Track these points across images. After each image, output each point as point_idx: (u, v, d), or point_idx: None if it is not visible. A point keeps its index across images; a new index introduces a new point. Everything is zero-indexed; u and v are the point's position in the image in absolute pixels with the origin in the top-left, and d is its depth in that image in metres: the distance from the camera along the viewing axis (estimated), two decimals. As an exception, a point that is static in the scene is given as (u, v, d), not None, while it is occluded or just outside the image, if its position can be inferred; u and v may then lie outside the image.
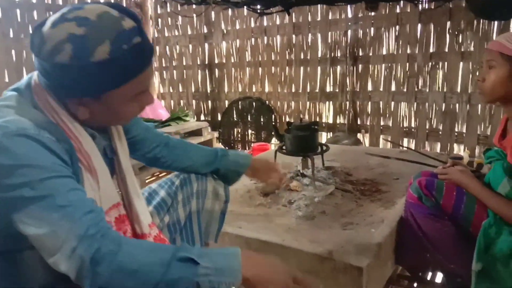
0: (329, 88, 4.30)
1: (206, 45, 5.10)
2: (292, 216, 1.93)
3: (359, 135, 4.17)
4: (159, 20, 5.41)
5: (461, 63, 3.56)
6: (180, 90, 5.48)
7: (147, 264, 0.81)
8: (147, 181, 3.60)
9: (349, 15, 4.01)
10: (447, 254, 1.64)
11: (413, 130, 3.92)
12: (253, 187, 2.36)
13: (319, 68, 4.30)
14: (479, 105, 3.55)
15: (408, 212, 1.72)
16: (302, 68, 4.42)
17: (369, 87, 4.08)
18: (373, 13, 3.86)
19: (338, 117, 4.29)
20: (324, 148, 2.40)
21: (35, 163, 0.82)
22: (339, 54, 4.15)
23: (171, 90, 5.57)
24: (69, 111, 0.94)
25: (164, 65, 5.53)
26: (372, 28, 3.93)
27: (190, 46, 5.22)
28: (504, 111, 1.55)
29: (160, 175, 3.86)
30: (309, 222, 1.86)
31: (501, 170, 1.47)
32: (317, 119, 4.36)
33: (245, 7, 3.21)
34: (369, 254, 1.51)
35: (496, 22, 3.35)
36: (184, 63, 5.34)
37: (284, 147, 2.41)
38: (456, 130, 3.71)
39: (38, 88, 0.93)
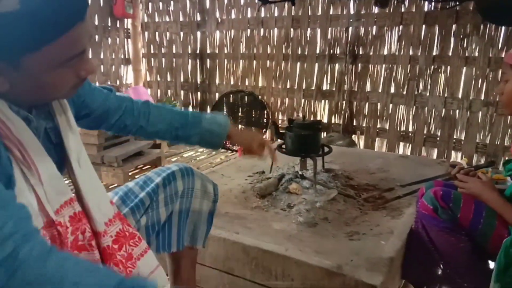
0: (325, 86, 4.16)
1: (199, 34, 4.89)
2: (292, 221, 1.79)
3: (354, 137, 4.04)
4: (150, 4, 5.16)
5: (464, 68, 3.47)
6: (168, 79, 5.24)
7: (79, 283, 0.65)
8: (130, 173, 3.39)
9: (351, 11, 3.86)
10: (460, 271, 1.56)
11: (410, 134, 3.81)
12: (249, 187, 2.20)
13: (316, 64, 4.15)
14: (480, 113, 3.47)
15: (419, 223, 1.62)
16: (298, 63, 4.26)
17: (368, 88, 3.95)
18: (376, 11, 3.73)
19: (333, 116, 4.15)
20: (327, 149, 2.25)
21: None
22: (338, 52, 4.01)
23: (158, 79, 5.33)
24: None
25: (152, 51, 5.28)
26: (374, 27, 3.80)
27: (181, 33, 4.99)
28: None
29: (144, 168, 3.66)
30: (311, 229, 1.73)
31: (525, 184, 1.36)
32: (312, 118, 4.21)
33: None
34: (382, 269, 1.39)
35: (503, 28, 3.25)
36: (174, 51, 5.11)
37: (283, 146, 2.25)
38: (455, 137, 3.62)
39: None
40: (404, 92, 3.76)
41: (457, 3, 3.24)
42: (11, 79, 0.74)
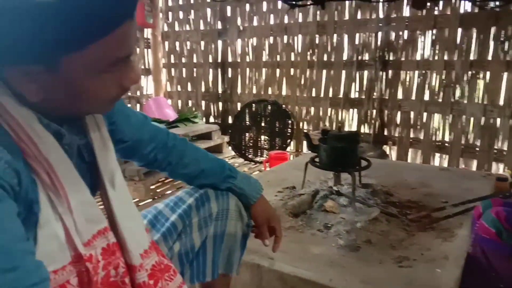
0: (354, 94, 3.97)
1: (220, 42, 4.78)
2: (332, 244, 1.62)
3: (385, 147, 3.82)
4: (170, 13, 5.10)
5: (505, 74, 3.23)
6: (189, 89, 5.15)
7: None
8: (152, 187, 3.26)
9: (381, 15, 3.68)
10: (527, 302, 1.33)
11: (446, 145, 3.58)
12: (280, 205, 2.03)
13: (343, 72, 3.97)
14: (524, 121, 3.22)
15: (478, 248, 1.41)
16: (324, 71, 4.09)
17: (399, 95, 3.74)
18: (408, 14, 3.54)
19: (362, 126, 3.95)
20: (365, 163, 2.07)
21: None
22: (367, 58, 3.83)
23: (179, 89, 5.24)
24: (15, 93, 0.66)
25: (173, 61, 5.21)
26: (406, 31, 3.60)
27: (202, 42, 4.90)
28: None
29: (166, 181, 3.52)
30: (354, 253, 1.55)
31: None
32: (339, 128, 4.02)
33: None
34: (443, 305, 1.19)
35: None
36: (195, 61, 5.01)
37: (317, 159, 2.08)
38: (496, 147, 3.37)
39: None
40: (440, 100, 3.53)
41: (497, 3, 3.02)
42: (46, 87, 0.65)
